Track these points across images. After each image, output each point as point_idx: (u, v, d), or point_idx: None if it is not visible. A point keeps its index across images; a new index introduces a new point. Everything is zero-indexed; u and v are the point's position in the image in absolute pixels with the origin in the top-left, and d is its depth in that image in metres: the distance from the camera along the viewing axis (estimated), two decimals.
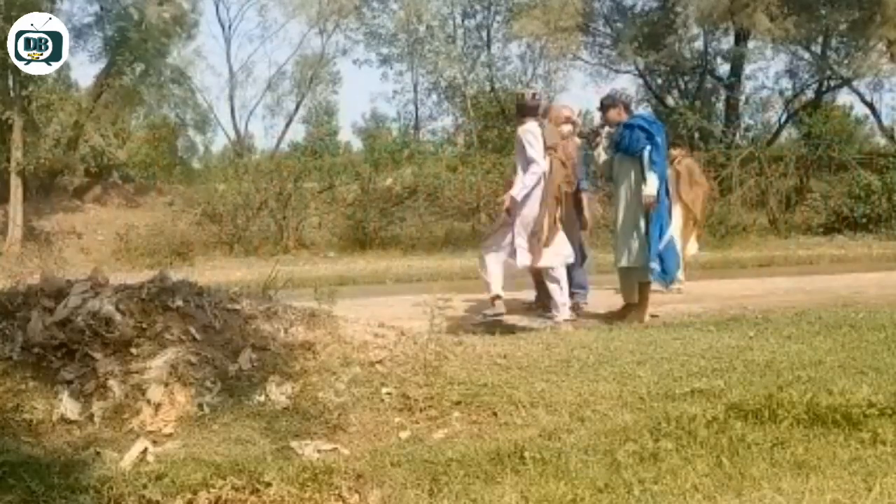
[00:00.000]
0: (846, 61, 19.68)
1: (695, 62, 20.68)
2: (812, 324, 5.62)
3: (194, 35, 18.33)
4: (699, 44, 20.84)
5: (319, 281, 9.27)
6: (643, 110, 19.74)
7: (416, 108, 23.04)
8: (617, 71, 21.55)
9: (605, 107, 6.48)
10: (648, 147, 6.11)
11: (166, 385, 3.50)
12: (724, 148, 17.48)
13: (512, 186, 5.92)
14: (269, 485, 2.77)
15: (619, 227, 6.36)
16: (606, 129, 6.51)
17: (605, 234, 10.08)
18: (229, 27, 25.54)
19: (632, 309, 6.41)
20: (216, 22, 37.85)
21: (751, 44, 19.58)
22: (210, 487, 2.75)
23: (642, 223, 6.19)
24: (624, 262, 6.31)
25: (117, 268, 11.81)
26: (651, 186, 6.08)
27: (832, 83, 20.67)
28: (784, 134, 21.31)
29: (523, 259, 5.88)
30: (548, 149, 5.90)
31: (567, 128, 6.72)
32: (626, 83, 21.55)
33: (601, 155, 6.59)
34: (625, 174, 6.30)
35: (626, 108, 6.46)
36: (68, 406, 3.39)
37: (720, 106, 20.89)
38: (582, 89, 60.07)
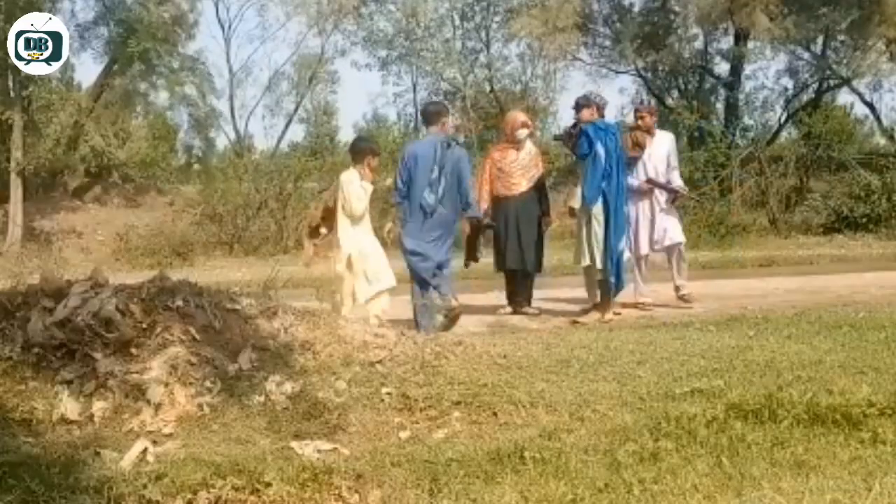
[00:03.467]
0: (846, 61, 19.66)
1: (694, 62, 20.65)
2: (812, 324, 5.62)
3: (194, 35, 18.28)
4: (699, 44, 20.80)
5: (319, 281, 9.24)
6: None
7: (416, 109, 23.02)
8: (616, 71, 21.51)
9: (579, 107, 6.68)
10: (588, 155, 6.35)
11: (166, 385, 3.50)
12: (724, 148, 17.45)
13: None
14: (269, 485, 2.77)
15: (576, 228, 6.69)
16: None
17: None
18: (229, 27, 25.50)
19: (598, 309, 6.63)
20: (216, 22, 37.75)
21: (750, 43, 19.53)
22: (210, 487, 2.74)
23: (583, 224, 6.48)
24: (581, 262, 6.62)
25: (117, 268, 11.80)
26: (576, 197, 6.54)
27: (832, 83, 20.64)
28: (784, 134, 21.27)
29: None
30: None
31: (524, 132, 7.13)
32: (626, 83, 21.56)
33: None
34: (581, 177, 6.60)
35: (599, 110, 6.68)
36: (68, 406, 3.38)
37: (720, 106, 20.86)
38: (581, 89, 60.15)
